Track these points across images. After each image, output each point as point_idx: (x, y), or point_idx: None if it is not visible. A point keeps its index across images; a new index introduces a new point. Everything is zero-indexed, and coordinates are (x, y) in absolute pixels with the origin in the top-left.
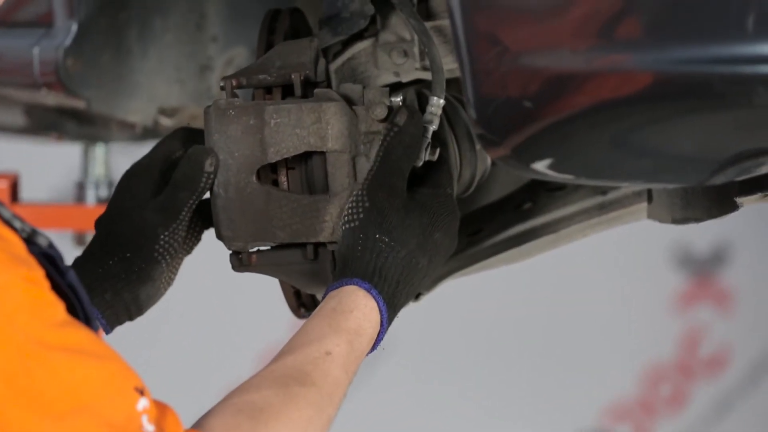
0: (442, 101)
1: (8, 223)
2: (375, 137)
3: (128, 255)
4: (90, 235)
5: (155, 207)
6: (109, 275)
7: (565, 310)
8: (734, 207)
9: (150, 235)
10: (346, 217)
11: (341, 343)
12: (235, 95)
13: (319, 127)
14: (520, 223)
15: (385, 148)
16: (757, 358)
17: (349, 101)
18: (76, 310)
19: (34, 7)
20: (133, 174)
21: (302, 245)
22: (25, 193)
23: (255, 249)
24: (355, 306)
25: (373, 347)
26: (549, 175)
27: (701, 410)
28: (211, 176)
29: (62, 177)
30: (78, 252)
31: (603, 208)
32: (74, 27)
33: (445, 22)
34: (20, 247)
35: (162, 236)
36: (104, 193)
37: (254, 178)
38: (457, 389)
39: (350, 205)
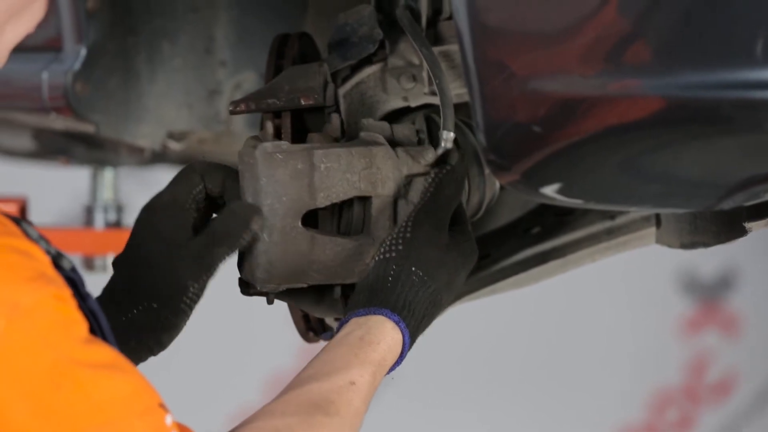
0: (452, 135)
1: (35, 243)
2: (413, 179)
3: (155, 305)
4: (98, 259)
5: (188, 256)
6: (134, 324)
7: (571, 334)
8: (743, 232)
9: (180, 287)
10: (383, 248)
11: (365, 375)
12: (278, 137)
13: (370, 172)
14: (528, 248)
15: (437, 184)
16: (764, 383)
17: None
18: (96, 335)
19: (42, 31)
20: (154, 211)
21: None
22: (34, 217)
23: None
24: (383, 338)
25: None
26: (558, 200)
27: None
28: (255, 235)
29: (70, 201)
30: (86, 276)
31: (611, 233)
32: (83, 51)
33: (453, 47)
34: (49, 266)
35: (192, 288)
36: (113, 217)
37: (299, 222)
38: (462, 413)
39: (392, 237)
